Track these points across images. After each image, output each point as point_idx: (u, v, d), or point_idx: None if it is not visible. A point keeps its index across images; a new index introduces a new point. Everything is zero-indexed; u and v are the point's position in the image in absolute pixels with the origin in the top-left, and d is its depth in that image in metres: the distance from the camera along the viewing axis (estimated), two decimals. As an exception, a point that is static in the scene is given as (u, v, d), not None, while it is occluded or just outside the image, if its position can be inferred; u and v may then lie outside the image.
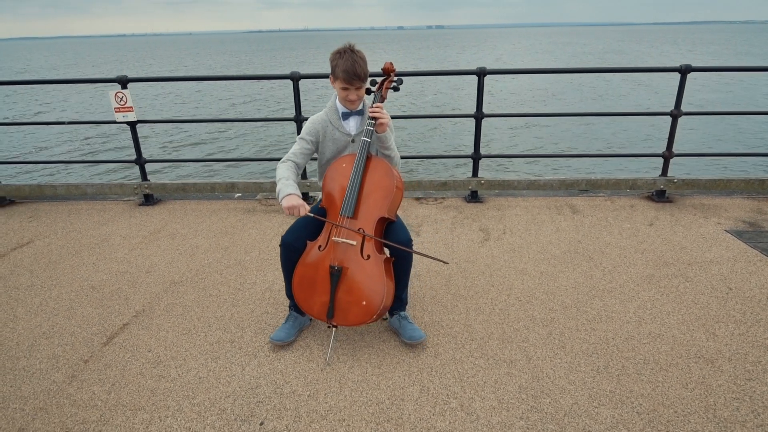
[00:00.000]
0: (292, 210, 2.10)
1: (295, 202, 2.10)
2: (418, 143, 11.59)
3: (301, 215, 2.12)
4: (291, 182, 2.19)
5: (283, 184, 2.20)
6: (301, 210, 2.10)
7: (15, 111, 17.59)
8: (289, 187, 2.15)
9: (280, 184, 2.20)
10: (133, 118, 4.07)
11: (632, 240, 3.43)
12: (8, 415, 1.99)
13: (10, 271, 3.19)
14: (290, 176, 2.23)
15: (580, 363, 2.22)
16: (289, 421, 1.93)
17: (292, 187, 2.16)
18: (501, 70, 3.94)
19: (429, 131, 12.38)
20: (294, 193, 2.14)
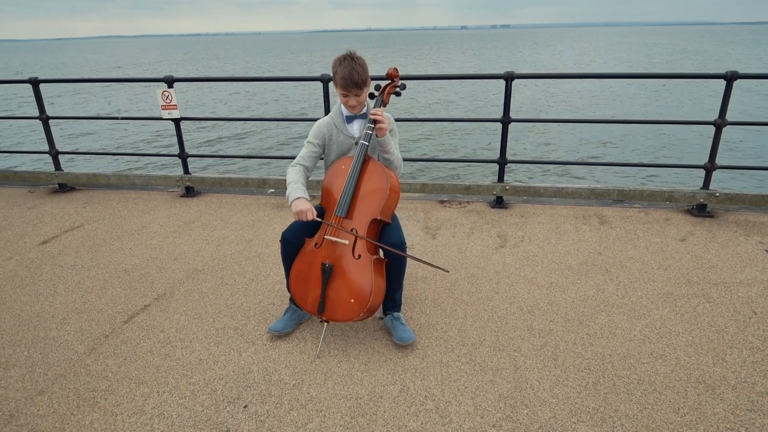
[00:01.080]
0: (300, 214, 2.20)
1: (303, 207, 2.19)
2: (445, 146, 11.55)
3: (308, 219, 2.21)
4: (300, 186, 2.30)
5: (292, 188, 2.30)
6: (309, 214, 2.20)
7: (81, 106, 19.19)
8: (297, 191, 2.26)
9: (290, 188, 2.31)
10: (177, 115, 4.37)
11: (657, 255, 3.27)
12: (33, 378, 2.25)
13: (59, 251, 3.55)
14: (299, 180, 2.33)
15: (568, 377, 2.18)
16: (270, 407, 2.05)
17: (300, 191, 2.26)
18: (530, 75, 3.86)
19: (465, 134, 12.25)
20: (302, 197, 2.23)
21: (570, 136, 11.72)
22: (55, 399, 2.11)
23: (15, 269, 3.27)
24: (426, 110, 16.65)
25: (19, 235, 3.84)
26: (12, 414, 2.04)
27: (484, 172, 8.70)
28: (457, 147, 11.23)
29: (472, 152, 10.68)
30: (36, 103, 4.57)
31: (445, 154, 10.59)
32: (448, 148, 11.26)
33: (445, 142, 11.80)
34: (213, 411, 2.03)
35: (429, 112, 16.40)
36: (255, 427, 1.95)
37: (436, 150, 11.00)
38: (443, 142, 11.82)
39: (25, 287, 3.05)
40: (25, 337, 2.55)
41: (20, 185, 5.06)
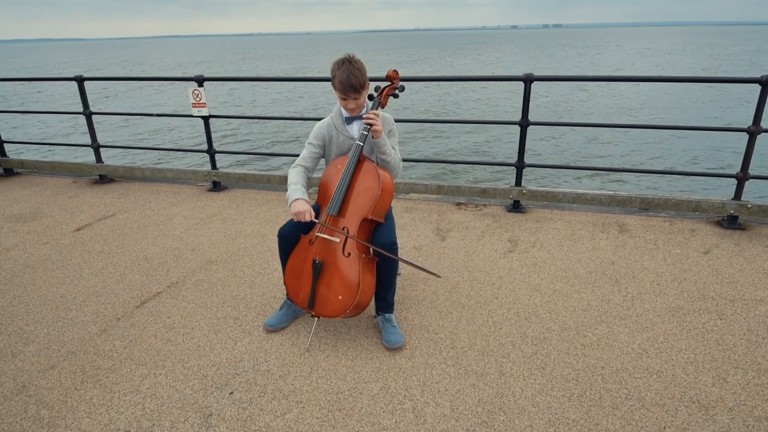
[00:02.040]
0: (299, 215, 2.26)
1: (302, 208, 2.26)
2: (463, 147, 11.43)
3: (306, 220, 2.28)
4: (299, 187, 2.37)
5: (292, 189, 2.38)
6: (307, 215, 2.26)
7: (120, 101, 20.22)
8: (297, 192, 2.33)
9: (290, 190, 2.38)
10: (206, 113, 4.57)
11: (674, 267, 3.13)
12: (48, 354, 2.44)
13: (90, 237, 3.81)
14: (299, 181, 2.40)
15: (554, 387, 2.14)
16: (254, 395, 2.13)
17: (300, 192, 2.33)
18: (549, 77, 3.76)
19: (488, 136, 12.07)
20: (301, 198, 2.30)
21: (594, 141, 11.39)
22: (63, 374, 2.29)
23: (49, 253, 3.54)
24: (447, 111, 16.49)
25: (57, 221, 4.14)
26: (24, 385, 2.22)
27: (510, 176, 8.56)
28: (479, 149, 11.16)
29: (490, 155, 10.63)
30: (81, 99, 4.91)
31: (463, 156, 10.57)
32: (470, 150, 11.22)
33: (465, 143, 11.74)
34: (201, 395, 2.14)
35: (450, 113, 16.20)
36: (236, 413, 2.03)
37: (454, 152, 11.00)
38: (462, 143, 11.76)
39: (55, 270, 3.29)
40: (47, 315, 2.77)
41: (66, 175, 5.44)
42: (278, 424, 1.97)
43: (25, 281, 3.15)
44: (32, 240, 3.77)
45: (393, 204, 4.23)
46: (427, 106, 17.50)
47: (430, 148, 11.42)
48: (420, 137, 12.37)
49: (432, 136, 12.40)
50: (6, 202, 4.64)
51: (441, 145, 11.69)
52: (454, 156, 10.36)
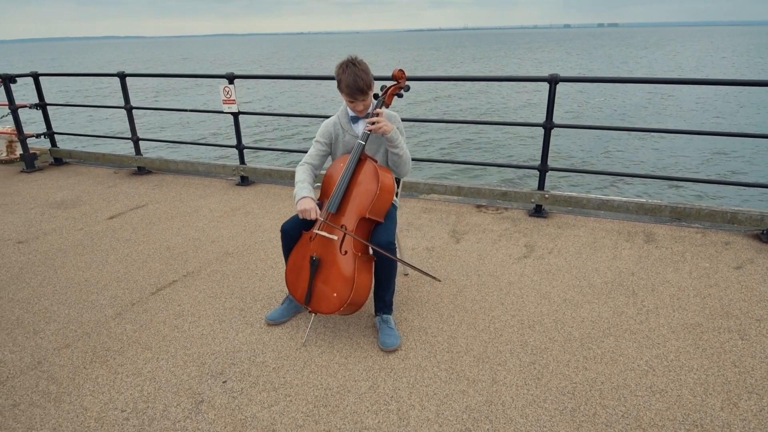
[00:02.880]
0: (305, 213, 2.30)
1: (308, 206, 2.30)
2: (486, 149, 11.25)
3: (312, 218, 2.31)
4: (306, 185, 2.41)
5: (299, 187, 2.41)
6: (312, 213, 2.29)
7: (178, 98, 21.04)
8: (303, 190, 2.37)
9: (297, 188, 2.42)
10: (235, 110, 4.71)
11: (699, 282, 2.95)
12: (65, 333, 2.59)
13: (120, 226, 4.01)
14: (306, 179, 2.44)
15: (546, 399, 2.07)
16: (246, 385, 2.18)
17: (306, 190, 2.37)
18: (575, 78, 3.63)
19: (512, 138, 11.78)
20: (308, 196, 2.34)
21: (625, 145, 10.94)
22: (75, 353, 2.43)
23: (81, 239, 3.76)
24: (470, 112, 16.18)
25: (94, 209, 4.39)
26: (40, 361, 2.38)
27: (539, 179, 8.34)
28: (506, 151, 10.97)
29: (516, 157, 10.45)
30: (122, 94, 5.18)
31: (486, 157, 10.44)
32: (497, 151, 11.05)
33: (490, 144, 11.59)
34: (196, 381, 2.21)
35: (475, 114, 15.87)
36: (226, 401, 2.09)
37: (476, 153, 10.89)
38: (486, 143, 11.61)
39: (84, 255, 3.49)
40: (70, 297, 2.94)
41: (109, 166, 5.76)
42: (264, 415, 2.01)
43: (57, 264, 3.36)
44: (69, 226, 4.02)
45: (412, 204, 4.24)
46: (461, 105, 17.38)
47: (454, 148, 11.44)
48: (443, 136, 12.42)
49: (458, 136, 12.43)
50: (52, 189, 4.97)
51: (464, 144, 11.68)
52: (477, 157, 10.33)
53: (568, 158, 10.26)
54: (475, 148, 11.13)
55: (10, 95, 5.29)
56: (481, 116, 15.51)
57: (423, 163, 9.38)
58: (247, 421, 1.98)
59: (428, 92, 20.55)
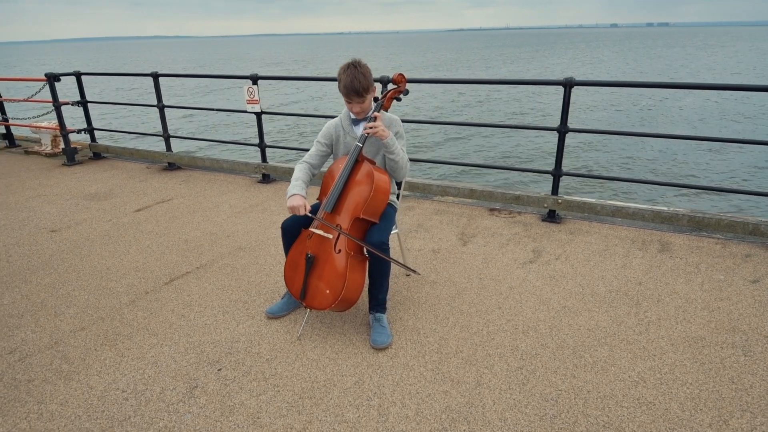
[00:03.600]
0: (294, 210, 2.39)
1: (297, 203, 2.39)
2: (502, 152, 11.14)
3: (301, 214, 2.40)
4: (300, 183, 2.50)
5: (292, 185, 2.51)
6: (301, 210, 2.39)
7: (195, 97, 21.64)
8: (295, 188, 2.46)
9: (291, 185, 2.51)
10: (258, 109, 4.87)
11: (710, 294, 2.85)
12: (82, 317, 2.78)
13: (145, 218, 4.23)
14: (301, 177, 2.53)
15: (528, 404, 2.07)
16: (238, 374, 2.28)
17: (298, 188, 2.46)
18: (590, 82, 3.56)
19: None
20: (298, 193, 2.43)
21: (644, 151, 10.62)
22: (89, 336, 2.60)
23: (108, 230, 3.99)
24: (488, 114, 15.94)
25: (124, 202, 4.64)
26: (57, 341, 2.56)
27: (567, 184, 8.24)
28: (523, 154, 10.86)
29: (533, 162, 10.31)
30: (155, 93, 5.44)
31: (499, 161, 10.45)
32: (511, 155, 10.97)
33: (508, 147, 11.53)
34: (193, 368, 2.33)
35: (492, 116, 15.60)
36: (218, 388, 2.20)
37: (491, 156, 10.87)
38: (502, 147, 11.54)
39: (109, 245, 3.71)
40: (91, 284, 3.14)
41: (142, 161, 6.06)
42: (251, 403, 2.11)
43: (83, 252, 3.59)
44: (98, 217, 4.27)
45: (425, 206, 4.27)
46: (480, 107, 17.33)
47: (469, 150, 11.50)
48: (458, 139, 12.49)
49: (473, 139, 12.49)
50: (87, 182, 5.28)
51: (480, 147, 11.71)
52: (490, 160, 10.41)
53: (587, 162, 10.12)
54: (490, 151, 11.19)
55: (54, 93, 5.66)
56: (497, 120, 15.44)
57: (437, 165, 9.46)
58: (234, 408, 2.08)
59: (452, 94, 20.52)
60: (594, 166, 9.90)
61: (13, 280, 3.20)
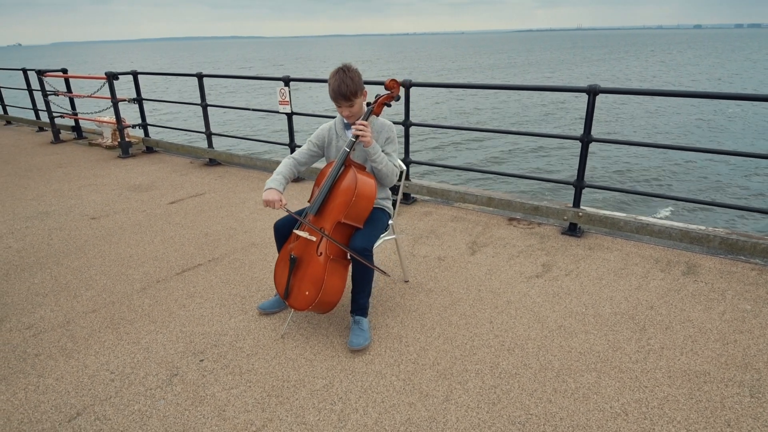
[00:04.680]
0: (268, 203, 2.46)
1: (271, 197, 2.45)
2: (524, 159, 10.92)
3: (276, 208, 2.47)
4: (279, 177, 2.56)
5: (272, 177, 2.56)
6: (276, 204, 2.45)
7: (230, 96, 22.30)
8: (273, 182, 2.53)
9: (271, 177, 2.56)
10: (289, 110, 5.01)
11: (729, 325, 2.59)
12: (96, 300, 3.00)
13: (176, 211, 4.48)
14: (282, 172, 2.59)
15: (493, 425, 1.99)
16: (217, 366, 2.37)
17: (276, 182, 2.53)
18: (615, 90, 3.34)
19: None
20: (275, 188, 2.50)
21: (679, 164, 10.06)
22: (97, 319, 2.80)
23: (141, 220, 4.27)
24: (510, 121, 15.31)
25: (161, 194, 4.94)
26: (68, 321, 2.78)
27: (603, 197, 7.88)
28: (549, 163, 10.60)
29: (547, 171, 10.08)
30: (199, 92, 5.74)
31: (520, 169, 10.28)
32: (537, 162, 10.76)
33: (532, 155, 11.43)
34: (178, 357, 2.45)
35: None
36: (196, 378, 2.29)
37: (514, 164, 10.77)
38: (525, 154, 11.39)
39: (137, 234, 3.97)
40: (111, 269, 3.38)
41: (187, 156, 6.42)
42: (222, 395, 2.18)
43: (113, 240, 3.87)
44: (135, 207, 4.58)
45: (442, 212, 4.20)
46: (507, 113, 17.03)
47: (492, 156, 11.46)
48: (477, 145, 12.39)
49: (495, 145, 12.44)
50: (135, 174, 5.67)
51: (503, 153, 11.68)
52: (513, 167, 10.32)
53: (613, 174, 9.63)
54: (513, 157, 11.11)
55: (112, 90, 6.13)
56: (519, 126, 15.11)
57: (456, 171, 9.41)
58: (205, 399, 2.16)
59: (492, 100, 20.16)
60: (626, 180, 9.45)
61: (48, 261, 3.51)
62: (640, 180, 9.53)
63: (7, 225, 4.20)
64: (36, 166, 6.12)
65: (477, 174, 9.33)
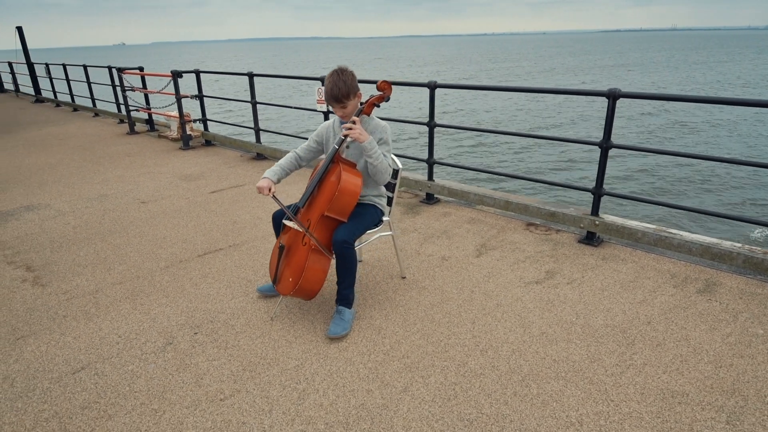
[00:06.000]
0: (259, 190, 2.66)
1: (262, 184, 2.64)
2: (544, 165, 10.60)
3: (265, 194, 2.65)
4: (277, 168, 2.75)
5: (271, 168, 2.76)
6: (264, 191, 2.63)
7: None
8: (269, 172, 2.72)
9: (271, 167, 2.77)
10: (325, 109, 5.23)
11: (730, 349, 2.42)
12: (124, 274, 3.36)
13: (215, 199, 4.85)
14: (282, 164, 2.78)
15: (441, 419, 2.03)
16: (207, 339, 2.60)
17: (272, 173, 2.72)
18: (638, 94, 3.16)
19: None
20: (268, 177, 2.69)
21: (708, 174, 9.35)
22: (121, 290, 3.15)
23: (181, 206, 4.68)
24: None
25: (207, 184, 5.36)
26: (98, 290, 3.16)
27: (610, 204, 7.47)
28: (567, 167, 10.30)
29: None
30: (249, 91, 6.13)
31: (537, 173, 10.03)
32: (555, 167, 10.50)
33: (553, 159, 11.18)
34: (177, 328, 2.71)
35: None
36: (187, 348, 2.53)
37: (533, 167, 10.58)
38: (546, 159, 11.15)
39: (175, 218, 4.36)
40: (145, 248, 3.76)
41: (239, 150, 6.86)
42: (203, 366, 2.40)
43: (155, 222, 4.28)
44: (181, 194, 5.01)
45: (461, 213, 4.21)
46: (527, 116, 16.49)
47: (512, 159, 11.33)
48: (496, 148, 12.21)
49: (513, 149, 12.28)
50: (190, 164, 6.18)
51: (522, 156, 11.47)
52: (532, 171, 10.12)
53: (647, 182, 9.01)
54: (534, 162, 10.97)
55: (176, 87, 6.70)
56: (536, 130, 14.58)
57: (475, 173, 9.26)
58: (189, 367, 2.39)
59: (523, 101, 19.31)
60: (648, 188, 8.81)
61: (95, 238, 3.97)
62: (673, 190, 8.92)
63: (72, 204, 4.78)
64: (109, 154, 6.86)
65: (505, 177, 9.22)
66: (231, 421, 2.05)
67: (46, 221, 4.36)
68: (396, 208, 4.47)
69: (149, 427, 2.03)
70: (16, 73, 14.43)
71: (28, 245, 3.86)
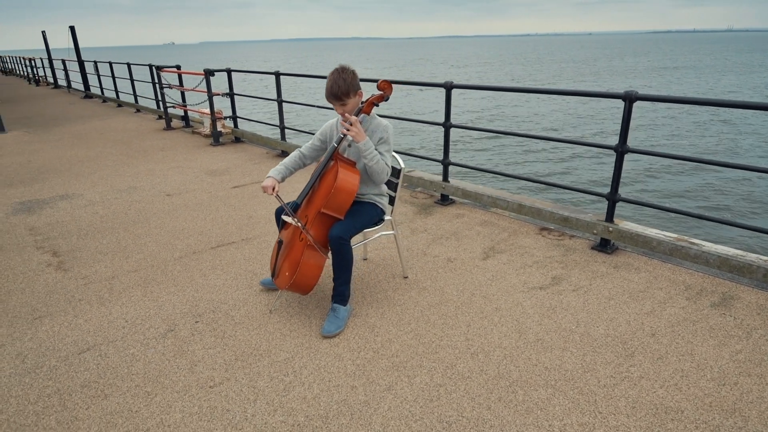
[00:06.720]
0: (264, 189, 2.72)
1: (267, 183, 2.69)
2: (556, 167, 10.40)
3: (269, 194, 2.71)
4: (281, 167, 2.80)
5: (275, 167, 2.81)
6: (268, 190, 2.69)
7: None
8: (274, 171, 2.77)
9: (276, 166, 2.82)
10: (346, 108, 5.28)
11: (738, 367, 2.29)
12: (140, 263, 3.51)
13: (235, 194, 4.99)
14: (286, 162, 2.83)
15: (420, 420, 2.02)
16: (207, 328, 2.68)
17: (276, 172, 2.77)
18: (656, 97, 3.03)
19: None
20: (272, 176, 2.74)
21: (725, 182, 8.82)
22: (135, 277, 3.30)
23: (203, 199, 4.84)
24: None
25: (230, 179, 5.52)
26: (114, 276, 3.32)
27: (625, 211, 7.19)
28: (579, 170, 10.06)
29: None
30: (276, 89, 6.26)
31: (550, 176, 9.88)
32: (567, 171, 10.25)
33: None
34: (181, 316, 2.81)
35: None
36: (186, 335, 2.63)
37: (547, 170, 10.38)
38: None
39: (197, 211, 4.51)
40: (163, 239, 3.91)
41: (265, 147, 7.02)
42: (200, 353, 2.48)
43: (177, 214, 4.45)
44: (204, 188, 5.18)
45: (474, 215, 4.17)
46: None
47: (526, 161, 11.20)
48: (514, 150, 12.07)
49: (525, 151, 12.09)
50: (217, 160, 6.38)
51: (536, 159, 11.31)
52: (546, 174, 9.92)
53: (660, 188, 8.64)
54: (549, 164, 10.82)
55: (208, 85, 6.93)
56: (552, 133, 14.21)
57: (488, 175, 9.11)
58: (185, 354, 2.48)
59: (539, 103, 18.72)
60: (669, 195, 8.41)
61: (118, 227, 4.17)
62: (696, 197, 8.49)
63: (102, 195, 5.03)
64: (144, 148, 7.17)
65: (523, 181, 9.08)
66: (216, 408, 2.11)
67: (76, 210, 4.60)
68: (410, 208, 4.47)
69: (140, 408, 2.12)
70: (69, 70, 15.29)
71: (57, 232, 4.09)
